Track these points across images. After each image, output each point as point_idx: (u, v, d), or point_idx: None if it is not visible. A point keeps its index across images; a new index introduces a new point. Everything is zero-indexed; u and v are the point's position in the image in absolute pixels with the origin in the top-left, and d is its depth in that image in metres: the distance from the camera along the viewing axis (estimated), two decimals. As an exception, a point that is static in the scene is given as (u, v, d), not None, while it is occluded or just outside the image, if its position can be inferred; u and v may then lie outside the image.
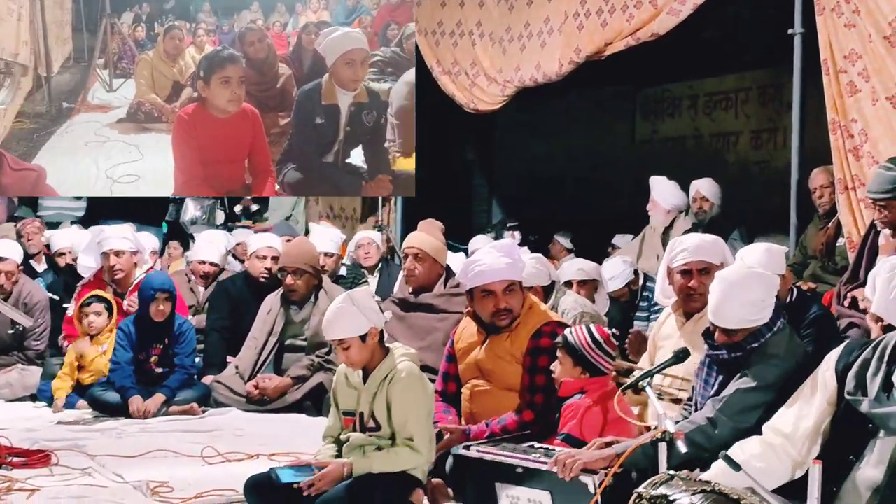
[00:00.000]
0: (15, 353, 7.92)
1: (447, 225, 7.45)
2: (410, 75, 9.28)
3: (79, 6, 9.61)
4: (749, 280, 4.00)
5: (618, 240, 9.82)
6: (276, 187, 9.51)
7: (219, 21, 9.75)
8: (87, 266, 8.33)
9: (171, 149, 9.36)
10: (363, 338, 4.48)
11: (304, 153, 9.53)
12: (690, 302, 4.84)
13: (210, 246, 8.61)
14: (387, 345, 4.64)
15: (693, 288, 4.81)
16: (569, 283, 7.37)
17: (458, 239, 9.29)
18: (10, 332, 7.86)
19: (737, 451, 3.63)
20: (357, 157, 9.66)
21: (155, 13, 9.73)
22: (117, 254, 7.78)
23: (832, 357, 3.66)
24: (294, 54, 9.89)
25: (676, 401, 4.72)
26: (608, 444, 4.11)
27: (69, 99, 9.65)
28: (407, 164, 8.27)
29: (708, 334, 4.11)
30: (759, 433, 3.71)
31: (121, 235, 7.93)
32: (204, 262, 8.48)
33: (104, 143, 9.55)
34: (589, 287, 7.48)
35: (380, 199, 10.66)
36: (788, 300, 5.25)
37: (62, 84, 9.70)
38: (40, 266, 9.94)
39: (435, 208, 8.37)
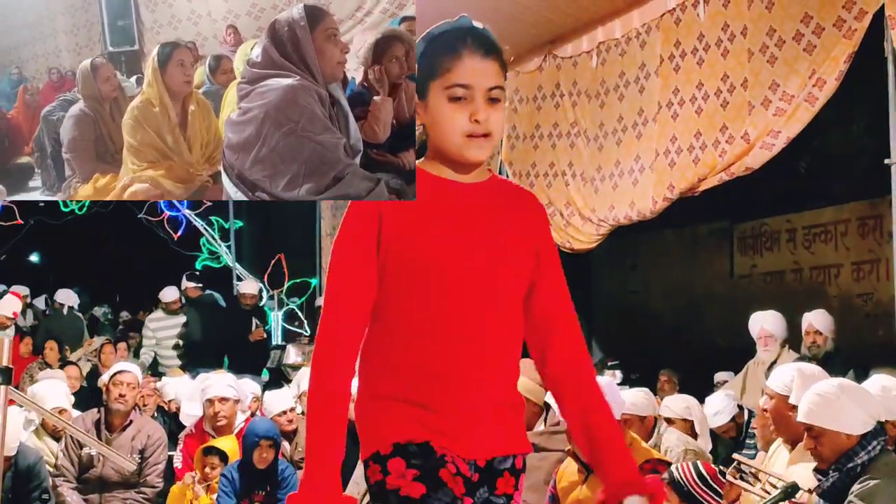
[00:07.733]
0: (132, 494, 7.79)
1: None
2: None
3: None
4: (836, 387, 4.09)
5: (720, 376, 9.66)
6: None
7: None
8: (191, 414, 8.38)
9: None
10: None
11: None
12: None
13: (284, 398, 8.22)
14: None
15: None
16: (668, 420, 7.23)
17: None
18: (129, 472, 7.74)
19: None
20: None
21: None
22: (221, 401, 7.84)
23: None
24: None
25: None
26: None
27: None
28: (84, 191, 7.38)
29: (817, 469, 4.06)
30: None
31: (225, 383, 8.00)
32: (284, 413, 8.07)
33: None
34: (689, 425, 7.32)
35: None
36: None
37: None
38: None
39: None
